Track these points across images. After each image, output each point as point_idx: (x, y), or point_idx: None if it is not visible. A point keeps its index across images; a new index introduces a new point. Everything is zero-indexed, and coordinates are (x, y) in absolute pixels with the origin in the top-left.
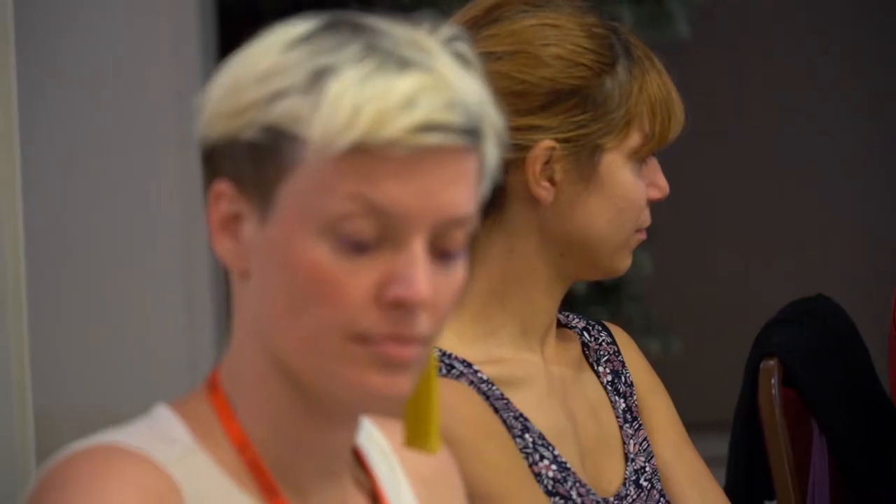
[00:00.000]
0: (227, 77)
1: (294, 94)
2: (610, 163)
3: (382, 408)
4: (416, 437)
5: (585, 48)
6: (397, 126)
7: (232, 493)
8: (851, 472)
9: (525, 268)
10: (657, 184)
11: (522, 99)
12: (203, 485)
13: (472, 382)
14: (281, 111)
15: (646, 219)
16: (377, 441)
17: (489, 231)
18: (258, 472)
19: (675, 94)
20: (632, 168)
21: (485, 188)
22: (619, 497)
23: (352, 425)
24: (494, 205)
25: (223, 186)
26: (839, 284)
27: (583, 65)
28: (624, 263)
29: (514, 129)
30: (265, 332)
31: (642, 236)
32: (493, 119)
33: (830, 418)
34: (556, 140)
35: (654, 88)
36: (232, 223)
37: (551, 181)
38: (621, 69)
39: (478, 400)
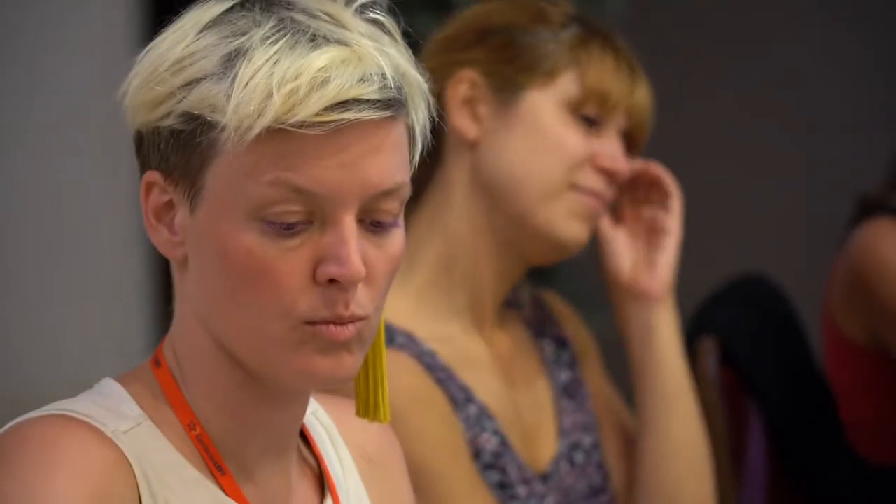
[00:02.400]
0: (144, 66)
1: (208, 80)
2: (533, 102)
3: (331, 387)
4: (367, 407)
5: (538, 7)
6: (311, 106)
7: (180, 467)
8: (788, 451)
9: (465, 247)
10: (609, 154)
11: (455, 40)
12: (152, 458)
13: (414, 354)
14: (197, 98)
15: (586, 179)
16: (322, 419)
17: (427, 216)
18: (206, 449)
19: (626, 74)
20: (562, 116)
21: (418, 152)
22: (548, 475)
23: (299, 404)
24: (432, 158)
25: (153, 176)
26: (777, 264)
27: (525, 10)
28: (565, 225)
29: (440, 68)
30: (206, 320)
31: (589, 201)
32: (416, 84)
33: (768, 398)
34: (479, 73)
35: (599, 58)
36: (165, 212)
37: (474, 116)
38: (566, 31)
39: (418, 371)
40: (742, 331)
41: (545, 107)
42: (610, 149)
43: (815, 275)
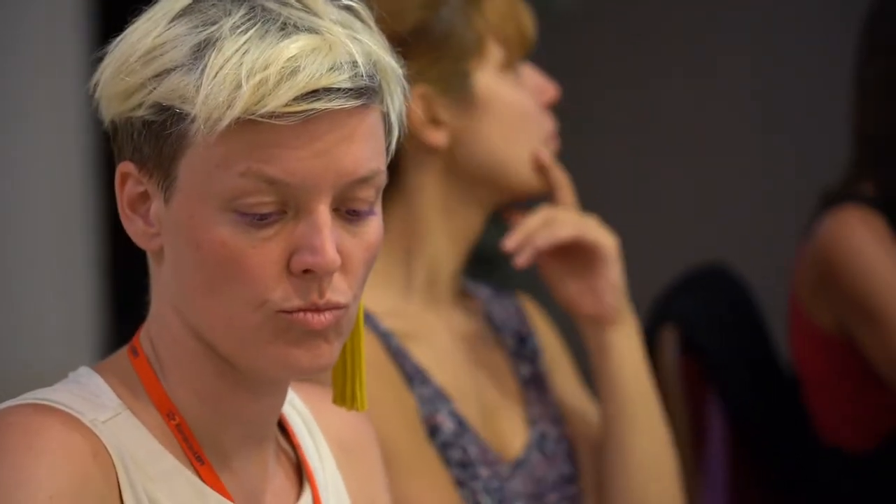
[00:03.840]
0: (115, 56)
1: (178, 71)
2: (484, 84)
3: (309, 377)
4: (344, 396)
5: None
6: (280, 97)
7: (160, 456)
8: (749, 440)
9: (426, 224)
10: (542, 87)
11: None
12: (131, 447)
13: (371, 332)
14: (167, 89)
15: (548, 125)
16: (299, 408)
17: (388, 195)
18: (185, 439)
19: (519, 5)
20: (508, 81)
21: (395, 139)
22: (520, 462)
23: (277, 394)
24: (389, 170)
25: (127, 167)
26: (737, 252)
27: (409, 7)
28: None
29: None
30: (183, 310)
31: (554, 144)
32: (390, 70)
33: (729, 387)
34: (423, 83)
35: (499, 5)
36: (139, 204)
37: (438, 124)
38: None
39: (377, 349)
40: (703, 320)
41: (491, 82)
42: (538, 81)
43: (775, 265)
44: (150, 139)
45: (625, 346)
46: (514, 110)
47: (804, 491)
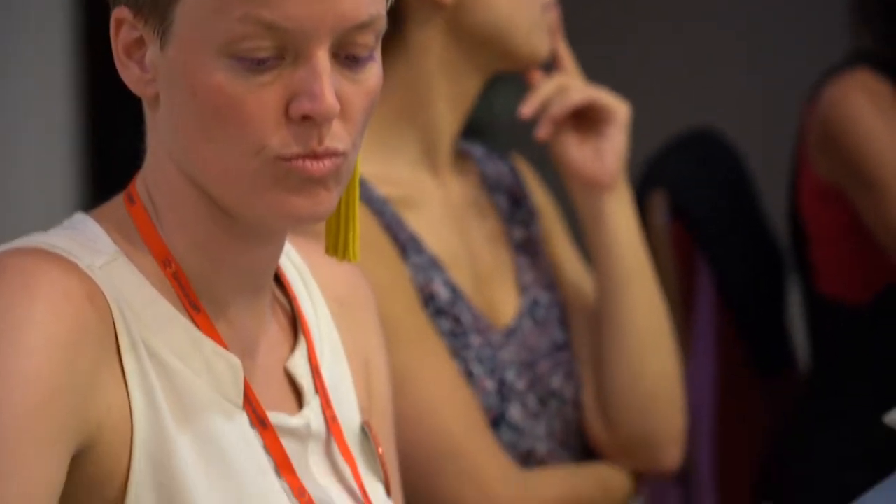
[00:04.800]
0: None
1: None
2: None
3: (308, 225)
4: (336, 246)
5: None
6: None
7: (156, 302)
8: (736, 304)
9: (427, 85)
10: None
11: None
12: (127, 293)
13: (365, 200)
14: None
15: None
16: (295, 261)
17: (390, 53)
18: (181, 286)
19: None
20: None
21: None
22: (511, 330)
23: (274, 244)
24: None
25: (122, 13)
26: (727, 117)
27: None
28: (542, 46)
29: None
30: (179, 158)
31: (553, 12)
32: None
33: (718, 251)
34: None
35: None
36: (135, 49)
37: None
38: None
39: (367, 215)
40: (693, 185)
41: None
42: None
43: (766, 131)
44: None
45: (620, 214)
46: None
47: (789, 359)
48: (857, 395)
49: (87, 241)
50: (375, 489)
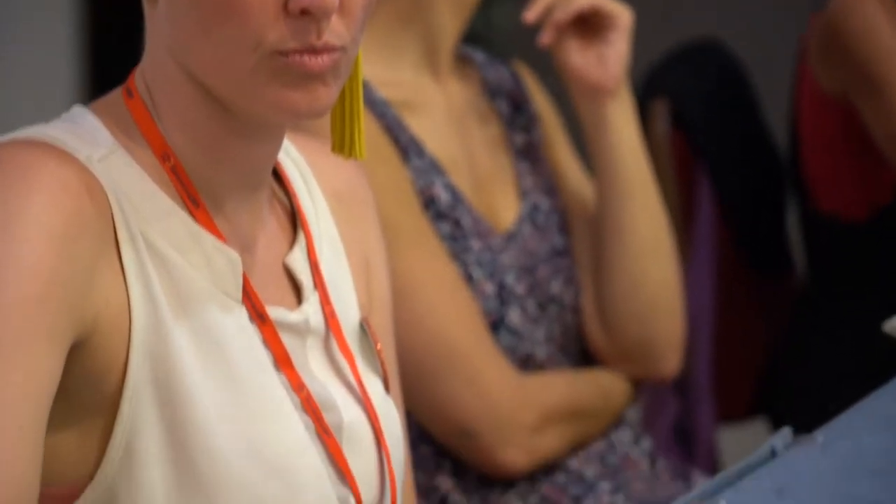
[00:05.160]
0: None
1: None
2: None
3: (306, 121)
4: (342, 143)
5: None
6: None
7: (155, 196)
8: (736, 214)
9: None
10: None
11: None
12: (126, 186)
13: (366, 103)
14: None
15: None
16: (294, 157)
17: None
18: (179, 180)
19: None
20: None
21: None
22: (511, 234)
23: (273, 141)
24: None
25: None
26: (731, 27)
27: None
28: None
29: None
30: (179, 55)
31: None
32: None
33: (718, 161)
34: None
35: None
36: None
37: None
38: None
39: (368, 118)
40: (694, 94)
41: None
42: None
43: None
44: None
45: (622, 120)
46: None
47: (787, 269)
48: (855, 306)
49: (86, 134)
50: (374, 385)
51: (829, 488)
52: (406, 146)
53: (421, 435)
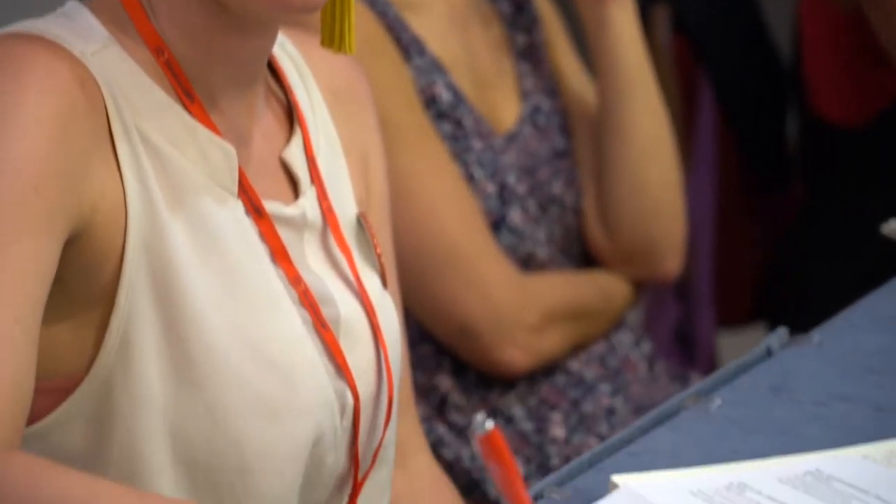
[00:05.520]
0: None
1: None
2: None
3: (300, 16)
4: (332, 37)
5: None
6: None
7: (149, 90)
8: (737, 120)
9: None
10: None
11: None
12: (121, 80)
13: (368, 1)
14: None
15: None
16: (290, 53)
17: None
18: (174, 74)
19: None
20: None
21: None
22: (512, 135)
23: (267, 36)
24: None
25: None
26: None
27: None
28: None
29: None
30: None
31: None
32: None
33: (720, 67)
34: None
35: None
36: None
37: None
38: None
39: (370, 16)
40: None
41: None
42: None
43: None
44: None
45: (624, 21)
46: None
47: (787, 176)
48: (853, 210)
49: (80, 28)
50: (371, 280)
51: (826, 387)
52: (407, 45)
53: (421, 334)
